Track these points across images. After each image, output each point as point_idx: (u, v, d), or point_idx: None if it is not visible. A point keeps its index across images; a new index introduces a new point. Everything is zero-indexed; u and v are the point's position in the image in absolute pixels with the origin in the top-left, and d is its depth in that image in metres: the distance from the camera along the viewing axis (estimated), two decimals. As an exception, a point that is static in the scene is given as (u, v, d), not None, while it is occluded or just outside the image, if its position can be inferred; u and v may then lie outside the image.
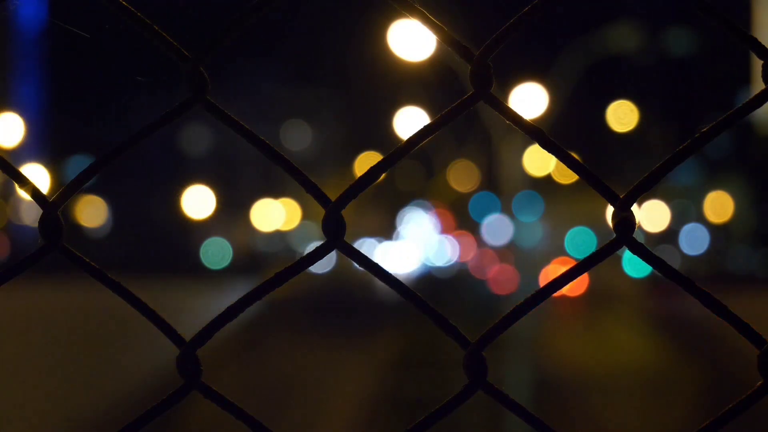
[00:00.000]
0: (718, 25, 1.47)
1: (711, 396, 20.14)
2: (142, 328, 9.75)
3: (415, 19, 1.46)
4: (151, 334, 1.99)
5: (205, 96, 1.47)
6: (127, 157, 1.50)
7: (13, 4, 1.64)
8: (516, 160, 18.61)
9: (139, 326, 14.31)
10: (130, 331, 27.98)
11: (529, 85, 18.00)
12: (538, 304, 1.49)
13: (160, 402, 1.51)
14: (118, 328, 29.78)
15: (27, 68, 57.09)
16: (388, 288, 1.50)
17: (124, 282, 1.50)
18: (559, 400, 19.72)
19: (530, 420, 1.51)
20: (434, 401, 1.50)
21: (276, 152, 1.49)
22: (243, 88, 56.93)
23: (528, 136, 1.48)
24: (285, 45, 57.42)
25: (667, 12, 46.01)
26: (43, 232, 1.49)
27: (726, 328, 1.52)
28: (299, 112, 61.79)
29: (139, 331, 26.54)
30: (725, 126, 1.49)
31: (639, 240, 1.49)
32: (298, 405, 20.26)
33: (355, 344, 29.45)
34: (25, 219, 52.59)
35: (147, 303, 1.52)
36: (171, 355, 1.52)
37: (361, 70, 51.30)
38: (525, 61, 20.20)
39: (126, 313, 1.87)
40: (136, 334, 27.59)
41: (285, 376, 22.68)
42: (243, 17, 1.47)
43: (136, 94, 52.42)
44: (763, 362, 1.49)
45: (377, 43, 16.14)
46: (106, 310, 26.73)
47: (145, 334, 25.15)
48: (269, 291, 1.50)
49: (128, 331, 28.47)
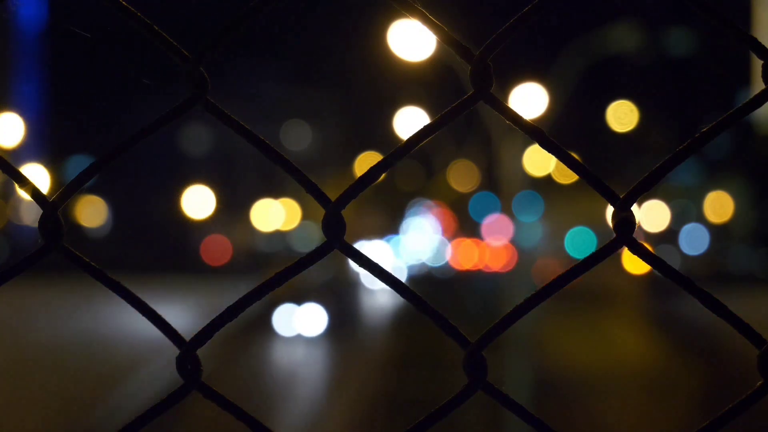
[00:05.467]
0: (718, 25, 1.47)
1: (711, 396, 20.15)
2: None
3: (415, 19, 1.46)
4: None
5: (205, 96, 1.47)
6: (127, 157, 1.50)
7: (13, 5, 1.64)
8: (516, 160, 18.60)
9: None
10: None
11: (529, 85, 18.00)
12: (538, 304, 1.49)
13: (160, 402, 1.51)
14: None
15: (27, 68, 57.09)
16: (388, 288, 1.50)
17: (124, 282, 1.50)
18: (559, 400, 19.73)
19: (530, 420, 1.51)
20: (434, 401, 1.50)
21: (276, 152, 1.49)
22: (243, 88, 56.94)
23: (528, 136, 1.48)
24: (285, 45, 57.43)
25: (667, 12, 46.01)
26: (43, 232, 1.49)
27: (726, 328, 1.52)
28: (299, 112, 61.81)
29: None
30: (725, 126, 1.49)
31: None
32: (298, 405, 20.26)
33: (355, 344, 29.46)
34: (25, 219, 52.60)
35: (147, 303, 1.52)
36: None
37: (361, 70, 51.31)
38: (525, 61, 20.22)
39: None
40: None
41: (285, 375, 22.69)
42: (243, 17, 1.47)
43: (136, 94, 52.45)
44: (762, 362, 1.49)
45: (377, 43, 16.14)
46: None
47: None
48: (269, 291, 1.50)
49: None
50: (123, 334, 25.93)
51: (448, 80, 19.80)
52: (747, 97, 1.49)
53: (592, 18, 23.79)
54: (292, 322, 26.22)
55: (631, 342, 29.99)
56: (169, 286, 41.27)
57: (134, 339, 24.46)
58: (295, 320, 26.24)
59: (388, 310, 36.31)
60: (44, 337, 27.95)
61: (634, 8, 38.52)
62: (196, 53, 1.47)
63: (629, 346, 28.88)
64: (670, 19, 47.77)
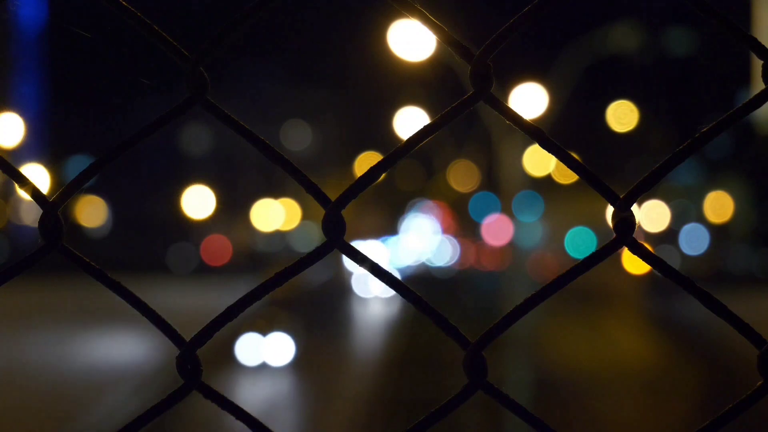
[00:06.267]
0: (718, 25, 1.47)
1: (711, 396, 20.15)
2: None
3: (415, 19, 1.46)
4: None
5: (205, 96, 1.47)
6: (127, 157, 1.50)
7: (13, 5, 1.64)
8: (516, 160, 18.61)
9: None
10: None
11: (529, 85, 18.01)
12: (538, 304, 1.50)
13: (160, 402, 1.51)
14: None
15: (27, 68, 57.09)
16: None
17: (125, 282, 1.50)
18: (559, 400, 19.73)
19: (530, 420, 1.51)
20: (434, 401, 1.50)
21: (276, 152, 1.49)
22: (243, 88, 56.95)
23: (528, 136, 1.48)
24: (285, 45, 57.42)
25: (667, 12, 46.00)
26: (43, 232, 1.49)
27: (726, 328, 1.52)
28: (299, 112, 61.81)
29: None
30: (725, 126, 1.49)
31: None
32: (298, 405, 20.26)
33: (355, 344, 29.45)
34: (25, 219, 52.60)
35: (147, 303, 1.52)
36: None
37: (362, 70, 51.30)
38: (525, 61, 20.22)
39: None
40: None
41: (284, 375, 22.67)
42: (243, 17, 1.47)
43: (136, 94, 52.44)
44: (762, 362, 1.49)
45: (377, 43, 16.13)
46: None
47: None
48: (269, 291, 1.50)
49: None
50: (80, 364, 23.81)
51: (448, 80, 19.79)
52: (747, 97, 1.49)
53: (592, 18, 23.77)
54: (257, 351, 23.56)
55: (630, 342, 29.99)
56: (169, 286, 41.26)
57: (92, 368, 22.88)
58: (261, 349, 23.58)
59: (380, 328, 33.24)
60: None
61: (634, 8, 38.51)
62: (196, 53, 1.47)
63: (629, 346, 28.88)
64: (670, 19, 47.78)
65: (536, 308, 1.50)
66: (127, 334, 26.75)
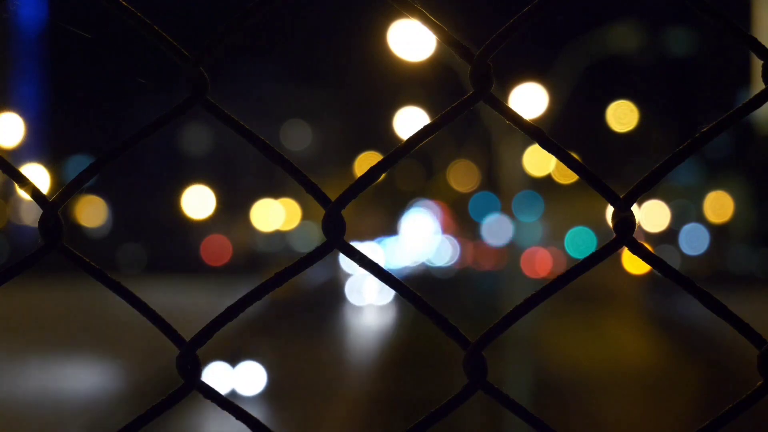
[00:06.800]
0: (718, 25, 1.47)
1: (711, 396, 20.14)
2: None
3: (415, 19, 1.46)
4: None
5: (205, 96, 1.47)
6: (126, 157, 1.50)
7: (13, 5, 1.64)
8: (516, 160, 18.60)
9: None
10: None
11: (529, 85, 18.00)
12: (538, 304, 1.49)
13: (160, 402, 1.51)
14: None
15: (27, 68, 57.08)
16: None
17: (125, 282, 1.50)
18: (559, 400, 19.73)
19: (530, 420, 1.51)
20: (434, 401, 1.50)
21: (276, 152, 1.49)
22: (243, 88, 56.94)
23: (528, 136, 1.48)
24: (285, 45, 57.42)
25: (667, 12, 46.01)
26: (43, 232, 1.49)
27: (726, 328, 1.52)
28: (299, 112, 61.81)
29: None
30: (725, 126, 1.49)
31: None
32: (298, 404, 20.24)
33: (355, 344, 29.44)
34: (25, 219, 52.61)
35: (147, 303, 1.52)
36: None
37: (361, 70, 51.31)
38: (525, 61, 20.20)
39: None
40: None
41: (284, 375, 22.65)
42: (243, 17, 1.47)
43: (136, 94, 52.46)
44: (762, 362, 1.49)
45: (377, 43, 16.13)
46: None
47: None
48: (269, 291, 1.50)
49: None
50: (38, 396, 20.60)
51: (448, 80, 19.79)
52: (747, 97, 1.49)
53: (592, 18, 23.79)
54: (226, 379, 21.90)
55: (630, 342, 29.99)
56: (169, 286, 41.24)
57: (53, 400, 19.83)
58: (229, 378, 21.86)
59: (375, 341, 29.94)
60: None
61: (634, 8, 38.53)
62: (196, 53, 1.47)
63: (629, 346, 28.88)
64: (671, 19, 47.78)
65: (536, 308, 1.50)
66: (81, 356, 24.43)
